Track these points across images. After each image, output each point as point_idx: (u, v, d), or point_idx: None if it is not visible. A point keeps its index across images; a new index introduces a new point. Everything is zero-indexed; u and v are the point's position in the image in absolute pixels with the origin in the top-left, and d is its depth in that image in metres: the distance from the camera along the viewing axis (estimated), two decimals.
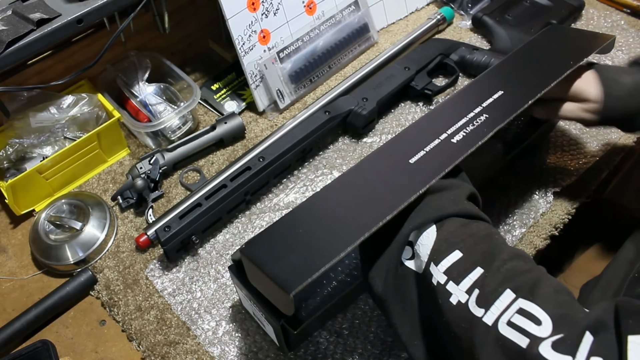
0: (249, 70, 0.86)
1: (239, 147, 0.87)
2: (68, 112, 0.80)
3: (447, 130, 0.58)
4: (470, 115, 0.59)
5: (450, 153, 0.55)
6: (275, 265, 0.48)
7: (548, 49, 0.70)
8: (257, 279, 0.52)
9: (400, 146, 0.57)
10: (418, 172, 0.54)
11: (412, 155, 0.55)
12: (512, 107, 0.60)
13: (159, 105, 0.86)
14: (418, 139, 0.57)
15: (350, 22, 0.96)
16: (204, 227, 0.73)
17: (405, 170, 0.54)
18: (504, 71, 0.67)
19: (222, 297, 0.71)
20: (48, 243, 0.73)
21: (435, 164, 0.54)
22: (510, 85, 0.63)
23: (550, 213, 0.77)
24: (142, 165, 0.79)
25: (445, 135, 0.57)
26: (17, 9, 0.72)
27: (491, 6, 1.03)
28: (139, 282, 0.72)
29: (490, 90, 0.62)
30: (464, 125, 0.58)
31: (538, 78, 0.64)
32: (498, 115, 0.59)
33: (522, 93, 0.61)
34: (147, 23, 0.88)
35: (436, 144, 0.56)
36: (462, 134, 0.57)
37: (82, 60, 0.83)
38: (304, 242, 0.50)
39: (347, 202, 0.53)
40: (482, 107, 0.60)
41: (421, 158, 0.55)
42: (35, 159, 0.80)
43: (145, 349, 0.67)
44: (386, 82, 0.88)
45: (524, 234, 0.75)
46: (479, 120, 0.58)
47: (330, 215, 0.52)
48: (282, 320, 0.56)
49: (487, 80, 0.65)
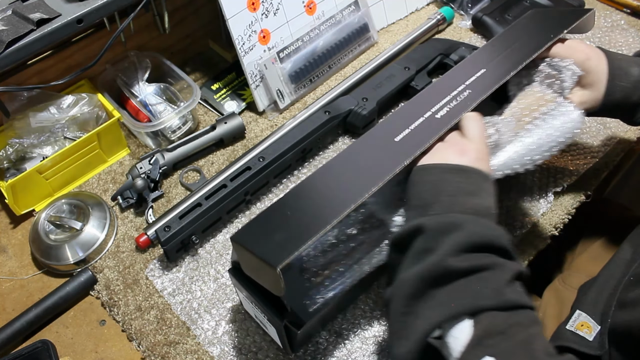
0: (249, 70, 0.86)
1: (239, 147, 0.87)
2: (68, 112, 0.80)
3: (431, 108, 0.59)
4: (453, 93, 0.60)
5: (434, 127, 0.56)
6: (262, 245, 0.49)
7: (528, 28, 0.71)
8: (248, 263, 0.52)
9: (386, 127, 0.58)
10: (402, 147, 0.55)
11: (398, 134, 0.57)
12: (494, 80, 0.61)
13: (159, 105, 0.86)
14: (403, 119, 0.58)
15: (350, 22, 0.96)
16: (204, 227, 0.73)
17: (390, 148, 0.55)
18: (487, 52, 0.68)
19: (222, 297, 0.71)
20: (48, 243, 0.73)
21: (418, 138, 0.55)
22: (493, 63, 0.64)
23: (550, 213, 0.77)
24: (142, 165, 0.79)
25: (429, 113, 0.58)
26: (17, 9, 0.72)
27: (491, 6, 1.03)
28: (139, 282, 0.72)
29: (474, 70, 0.64)
30: (448, 102, 0.59)
31: (519, 53, 0.65)
32: (480, 89, 0.60)
33: (504, 69, 0.63)
34: (147, 23, 0.88)
35: (421, 122, 0.58)
36: (446, 109, 0.58)
37: (82, 60, 0.83)
38: (291, 222, 0.51)
39: (333, 183, 0.54)
40: (465, 85, 0.61)
41: (406, 135, 0.56)
42: (35, 159, 0.80)
43: (145, 348, 0.67)
44: (386, 82, 0.88)
45: (524, 234, 0.75)
46: (462, 96, 0.60)
47: (317, 196, 0.53)
48: (286, 320, 0.56)
49: (470, 61, 0.66)
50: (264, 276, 0.51)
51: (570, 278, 0.81)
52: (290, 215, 0.51)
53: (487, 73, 0.63)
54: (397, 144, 0.55)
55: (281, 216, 0.52)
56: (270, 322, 0.59)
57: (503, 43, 0.69)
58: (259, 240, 0.50)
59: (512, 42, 0.68)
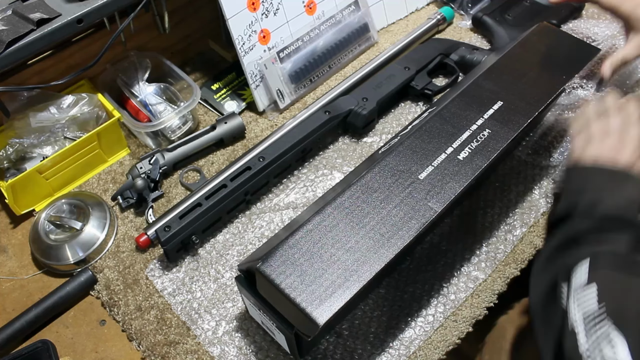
0: (249, 70, 0.86)
1: (239, 147, 0.87)
2: (68, 112, 0.80)
3: (451, 142, 0.59)
4: (473, 127, 0.60)
5: (458, 172, 0.56)
6: (297, 287, 0.48)
7: (540, 54, 0.71)
8: (276, 299, 0.51)
9: (406, 159, 0.58)
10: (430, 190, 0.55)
11: (421, 171, 0.56)
12: (513, 125, 0.61)
13: (159, 105, 0.86)
14: (423, 150, 0.58)
15: (350, 22, 0.96)
16: (204, 227, 0.73)
17: (417, 187, 0.55)
18: (500, 76, 0.67)
19: (222, 297, 0.71)
20: (48, 243, 0.73)
21: (446, 184, 0.55)
22: (509, 96, 0.64)
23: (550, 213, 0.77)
24: (142, 165, 0.79)
25: (450, 149, 0.58)
26: (17, 9, 0.72)
27: (491, 6, 1.03)
28: (139, 282, 0.72)
29: (490, 99, 0.64)
30: (469, 140, 0.59)
31: (534, 91, 0.65)
32: (500, 133, 0.60)
33: (521, 108, 0.63)
34: (147, 23, 0.88)
35: (443, 159, 0.57)
36: (468, 151, 0.58)
37: (82, 60, 0.83)
38: (326, 266, 0.49)
39: (364, 220, 0.53)
40: (483, 119, 0.61)
41: (431, 174, 0.56)
42: (35, 159, 0.80)
43: (145, 348, 0.67)
44: (386, 82, 0.88)
45: (524, 234, 0.75)
46: (482, 136, 0.60)
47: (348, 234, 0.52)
48: (295, 328, 0.55)
49: (484, 84, 0.66)
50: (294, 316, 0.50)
51: None
52: (322, 256, 0.50)
53: (504, 109, 0.62)
54: (423, 182, 0.55)
55: (312, 255, 0.50)
56: (279, 330, 0.58)
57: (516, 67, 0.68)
58: (294, 282, 0.48)
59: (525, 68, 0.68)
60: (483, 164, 0.57)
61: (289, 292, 0.48)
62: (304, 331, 0.50)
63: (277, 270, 0.49)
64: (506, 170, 0.81)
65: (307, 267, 0.49)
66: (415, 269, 0.72)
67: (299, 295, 0.48)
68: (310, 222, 0.53)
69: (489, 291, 0.70)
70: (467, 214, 0.77)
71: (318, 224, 0.53)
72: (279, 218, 0.78)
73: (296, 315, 0.48)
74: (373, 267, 0.49)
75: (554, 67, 0.68)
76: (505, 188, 0.80)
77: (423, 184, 0.55)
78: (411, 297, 0.70)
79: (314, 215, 0.53)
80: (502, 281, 0.71)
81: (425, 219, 0.52)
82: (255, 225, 0.78)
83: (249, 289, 0.57)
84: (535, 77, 0.67)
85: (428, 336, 0.66)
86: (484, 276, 0.71)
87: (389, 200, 0.54)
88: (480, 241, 0.74)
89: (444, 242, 0.74)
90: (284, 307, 0.51)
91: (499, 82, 0.66)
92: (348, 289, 0.48)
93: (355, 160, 0.84)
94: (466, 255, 0.73)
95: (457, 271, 0.72)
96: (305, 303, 0.47)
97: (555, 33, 0.75)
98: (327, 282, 0.48)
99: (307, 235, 0.52)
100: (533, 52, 0.71)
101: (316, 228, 0.52)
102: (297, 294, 0.48)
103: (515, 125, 0.61)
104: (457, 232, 0.75)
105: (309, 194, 0.80)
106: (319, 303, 0.47)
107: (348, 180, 0.61)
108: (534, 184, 0.80)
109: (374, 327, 0.67)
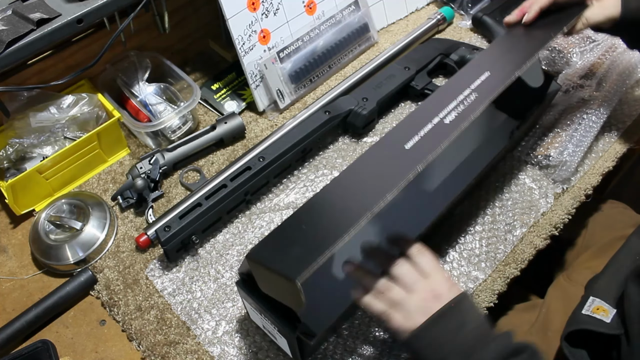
0: (249, 70, 0.86)
1: (239, 147, 0.87)
2: (68, 112, 0.80)
3: (438, 113, 0.59)
4: (460, 97, 0.60)
5: (443, 132, 0.56)
6: (279, 260, 0.48)
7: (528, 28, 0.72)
8: (265, 280, 0.51)
9: (396, 135, 0.58)
10: (413, 154, 0.54)
11: (407, 141, 0.56)
12: (499, 81, 0.61)
13: (159, 105, 0.86)
14: (412, 127, 0.58)
15: (350, 22, 0.96)
16: (204, 227, 0.73)
17: (400, 155, 0.55)
18: (490, 54, 0.68)
19: (222, 297, 0.71)
20: (48, 243, 0.73)
21: (429, 144, 0.55)
22: (496, 65, 0.64)
23: (550, 213, 0.77)
24: (142, 165, 0.79)
25: (437, 119, 0.58)
26: (17, 9, 0.72)
27: (491, 6, 1.03)
28: (139, 282, 0.72)
29: (478, 73, 0.64)
30: (455, 107, 0.59)
31: (520, 53, 0.65)
32: (487, 91, 0.60)
33: (508, 69, 0.63)
34: (147, 23, 0.88)
35: (430, 128, 0.57)
36: (454, 114, 0.58)
37: (82, 60, 0.83)
38: (306, 236, 0.50)
39: (346, 194, 0.53)
40: (470, 89, 0.61)
41: (416, 143, 0.56)
42: (35, 159, 0.80)
43: (145, 348, 0.67)
44: (386, 82, 0.88)
45: (524, 234, 0.75)
46: (469, 100, 0.60)
47: (330, 209, 0.52)
48: (298, 332, 0.55)
49: (473, 65, 0.67)
50: (282, 292, 0.50)
51: (575, 274, 0.81)
52: (305, 229, 0.50)
53: (491, 76, 0.63)
54: (407, 151, 0.55)
55: (296, 231, 0.51)
56: (281, 334, 0.58)
57: (505, 44, 0.69)
58: (275, 256, 0.49)
59: (514, 43, 0.68)
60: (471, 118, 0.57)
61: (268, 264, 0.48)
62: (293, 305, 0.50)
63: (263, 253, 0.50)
64: (506, 170, 0.81)
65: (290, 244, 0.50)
66: None
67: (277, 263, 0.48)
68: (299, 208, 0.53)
69: (489, 291, 0.70)
70: (466, 213, 0.77)
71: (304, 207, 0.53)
72: (279, 218, 0.78)
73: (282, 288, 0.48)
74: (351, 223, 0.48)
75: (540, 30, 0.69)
76: (505, 188, 0.80)
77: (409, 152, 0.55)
78: None
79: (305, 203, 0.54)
80: (502, 281, 0.71)
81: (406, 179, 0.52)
82: (255, 225, 0.78)
83: (250, 292, 0.57)
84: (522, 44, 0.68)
85: None
86: (484, 276, 0.71)
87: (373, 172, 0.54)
88: (480, 241, 0.74)
89: (443, 242, 0.75)
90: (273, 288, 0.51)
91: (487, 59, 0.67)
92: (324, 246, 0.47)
93: None
94: (466, 255, 0.73)
95: (457, 271, 0.72)
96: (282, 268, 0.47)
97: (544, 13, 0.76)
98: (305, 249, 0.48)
99: (292, 219, 0.52)
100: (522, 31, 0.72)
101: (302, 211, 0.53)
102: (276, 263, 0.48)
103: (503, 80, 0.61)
104: (456, 232, 0.75)
105: (309, 194, 0.80)
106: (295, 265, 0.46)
107: None
108: (534, 184, 0.80)
109: (373, 328, 0.67)
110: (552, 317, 0.76)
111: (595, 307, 0.65)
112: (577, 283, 0.79)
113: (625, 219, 0.89)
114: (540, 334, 0.74)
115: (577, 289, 0.75)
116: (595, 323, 0.64)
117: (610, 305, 0.65)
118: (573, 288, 0.79)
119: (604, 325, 0.63)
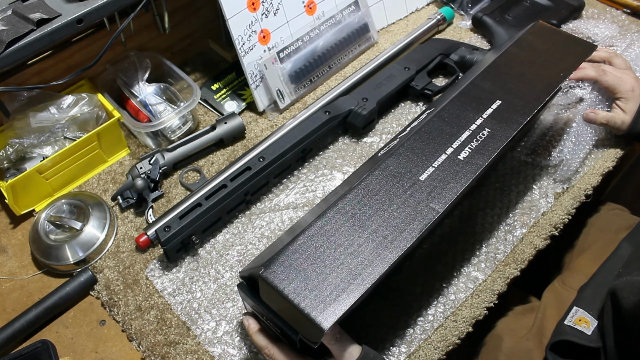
0: (249, 70, 0.86)
1: (239, 147, 0.87)
2: (68, 112, 0.80)
3: (451, 143, 0.59)
4: (472, 127, 0.60)
5: (459, 173, 0.56)
6: (303, 294, 0.47)
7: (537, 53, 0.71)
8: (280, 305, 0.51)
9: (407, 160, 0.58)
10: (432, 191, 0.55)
11: (422, 172, 0.56)
12: (512, 124, 0.61)
13: (159, 105, 0.86)
14: (423, 154, 0.58)
15: (350, 22, 0.96)
16: (204, 227, 0.73)
17: (418, 188, 0.55)
18: (498, 75, 0.68)
19: (222, 297, 0.71)
20: (48, 243, 0.73)
21: (447, 185, 0.55)
22: (507, 95, 0.64)
23: (550, 213, 0.77)
24: (142, 165, 0.79)
25: (450, 149, 0.58)
26: (17, 9, 0.72)
27: (491, 6, 1.03)
28: (139, 282, 0.72)
29: (488, 98, 0.64)
30: (468, 140, 0.59)
31: (532, 89, 0.65)
32: (500, 132, 0.60)
33: (520, 107, 0.63)
34: (147, 23, 0.88)
35: (443, 160, 0.57)
36: (468, 151, 0.58)
37: (82, 60, 0.83)
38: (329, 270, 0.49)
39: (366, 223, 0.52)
40: (482, 119, 0.61)
41: (431, 175, 0.56)
42: (35, 159, 0.80)
43: (145, 349, 0.67)
44: (386, 82, 0.88)
45: (524, 234, 0.75)
46: (482, 136, 0.60)
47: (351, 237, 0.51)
48: (300, 335, 0.55)
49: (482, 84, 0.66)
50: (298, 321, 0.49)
51: (569, 279, 0.81)
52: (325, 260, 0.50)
53: (503, 108, 0.62)
54: (423, 184, 0.55)
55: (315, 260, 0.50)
56: (284, 337, 0.58)
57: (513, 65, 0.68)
58: (297, 288, 0.48)
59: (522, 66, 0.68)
60: (484, 163, 0.57)
61: (292, 298, 0.47)
62: (309, 337, 0.50)
63: (280, 277, 0.49)
64: (506, 170, 0.81)
65: (311, 272, 0.49)
66: (415, 269, 0.72)
67: (303, 300, 0.47)
68: (313, 226, 0.52)
69: (488, 291, 0.70)
70: (467, 214, 0.77)
71: (320, 228, 0.52)
72: (279, 218, 0.78)
73: (301, 321, 0.48)
74: (377, 270, 0.49)
75: (551, 64, 0.68)
76: (505, 188, 0.80)
77: (424, 185, 0.55)
78: (411, 297, 0.70)
79: (316, 220, 0.53)
80: (502, 281, 0.71)
81: (427, 220, 0.52)
82: (255, 225, 0.78)
83: (252, 296, 0.57)
84: (533, 76, 0.67)
85: (428, 336, 0.66)
86: (483, 276, 0.71)
87: (390, 202, 0.54)
88: (480, 241, 0.74)
89: (444, 242, 0.75)
90: (288, 313, 0.51)
91: (496, 81, 0.66)
92: (352, 292, 0.47)
93: (355, 160, 0.84)
94: (466, 256, 0.73)
95: (457, 271, 0.72)
96: (309, 308, 0.47)
97: (551, 31, 0.75)
98: (331, 287, 0.48)
99: (309, 240, 0.51)
100: (529, 50, 0.71)
101: (318, 232, 0.52)
102: (301, 299, 0.47)
103: (515, 124, 0.61)
104: (457, 232, 0.75)
105: (309, 194, 0.80)
106: (324, 308, 0.47)
107: (349, 182, 0.61)
108: (534, 184, 0.80)
109: (373, 327, 0.67)
110: (546, 324, 0.77)
111: (577, 319, 0.65)
112: (571, 288, 0.79)
113: (620, 221, 0.89)
114: (536, 340, 0.74)
115: (571, 294, 0.75)
116: (577, 335, 0.64)
117: (593, 317, 0.65)
118: (567, 293, 0.79)
119: (584, 337, 0.63)
